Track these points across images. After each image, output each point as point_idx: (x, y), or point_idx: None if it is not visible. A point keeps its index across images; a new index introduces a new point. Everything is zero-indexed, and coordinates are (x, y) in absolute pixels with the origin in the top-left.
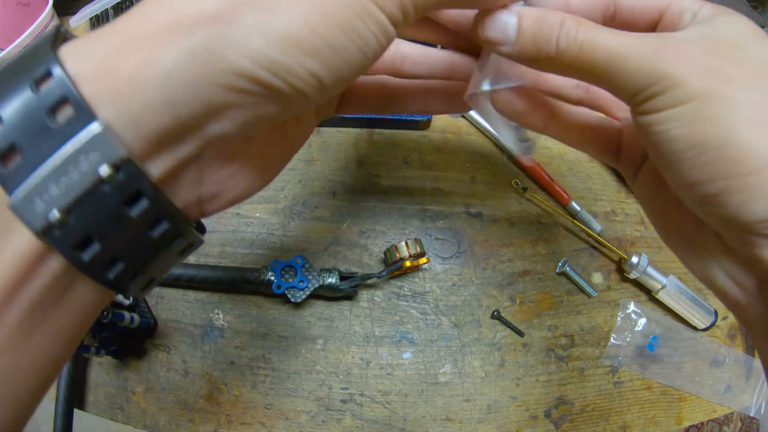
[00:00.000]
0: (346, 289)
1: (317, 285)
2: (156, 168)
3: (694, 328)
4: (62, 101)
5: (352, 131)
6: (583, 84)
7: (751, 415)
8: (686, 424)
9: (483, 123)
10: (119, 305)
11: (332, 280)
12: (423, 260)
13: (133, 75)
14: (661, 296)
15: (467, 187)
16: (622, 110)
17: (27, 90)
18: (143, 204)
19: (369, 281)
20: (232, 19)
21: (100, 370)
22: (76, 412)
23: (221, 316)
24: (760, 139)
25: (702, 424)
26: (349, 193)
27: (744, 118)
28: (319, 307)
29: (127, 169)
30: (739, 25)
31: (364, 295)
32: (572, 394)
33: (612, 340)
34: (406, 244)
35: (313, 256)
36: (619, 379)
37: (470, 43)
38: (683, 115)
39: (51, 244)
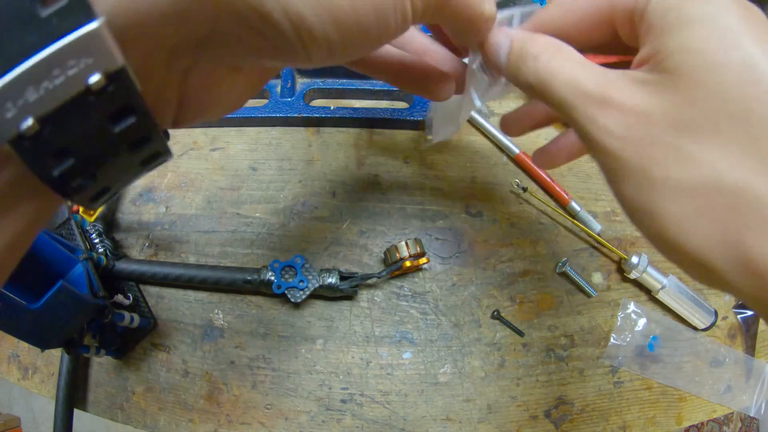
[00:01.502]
0: (346, 289)
1: (317, 285)
2: (146, 83)
3: (694, 328)
4: None
5: (352, 131)
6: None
7: (751, 415)
8: (686, 424)
9: (483, 123)
10: (119, 305)
11: (332, 280)
12: (423, 260)
13: None
14: (661, 296)
15: (467, 187)
16: None
17: None
18: (129, 120)
19: (369, 281)
20: None
21: (100, 370)
22: (76, 412)
23: (221, 316)
24: (670, 209)
25: (702, 424)
26: (349, 193)
27: (670, 210)
28: (319, 307)
29: (121, 80)
30: (695, 38)
31: (364, 295)
32: (572, 394)
33: (612, 340)
34: (406, 244)
35: (313, 256)
36: (619, 379)
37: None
38: (616, 183)
39: (19, 156)
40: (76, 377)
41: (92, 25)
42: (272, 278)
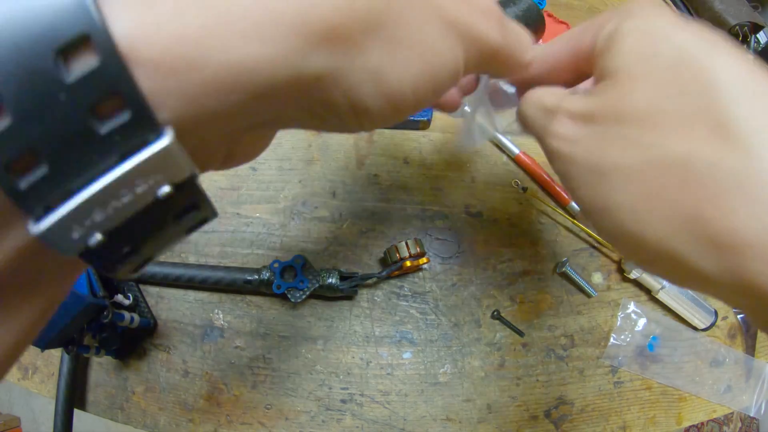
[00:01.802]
0: (346, 289)
1: (317, 285)
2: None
3: (694, 328)
4: (104, 93)
5: None
6: None
7: (751, 415)
8: (686, 424)
9: (483, 124)
10: (119, 305)
11: (332, 280)
12: (423, 260)
13: (217, 76)
14: (661, 296)
15: (467, 187)
16: None
17: (50, 68)
18: (196, 216)
19: (369, 281)
20: (356, 49)
21: (100, 370)
22: (76, 412)
23: (221, 316)
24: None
25: (702, 424)
26: (349, 193)
27: (624, 200)
28: (319, 307)
29: (190, 186)
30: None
31: (364, 295)
32: (572, 394)
33: (612, 340)
34: (406, 244)
35: (313, 256)
36: (619, 379)
37: None
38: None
39: (83, 260)
40: (76, 377)
41: (162, 143)
42: (272, 278)
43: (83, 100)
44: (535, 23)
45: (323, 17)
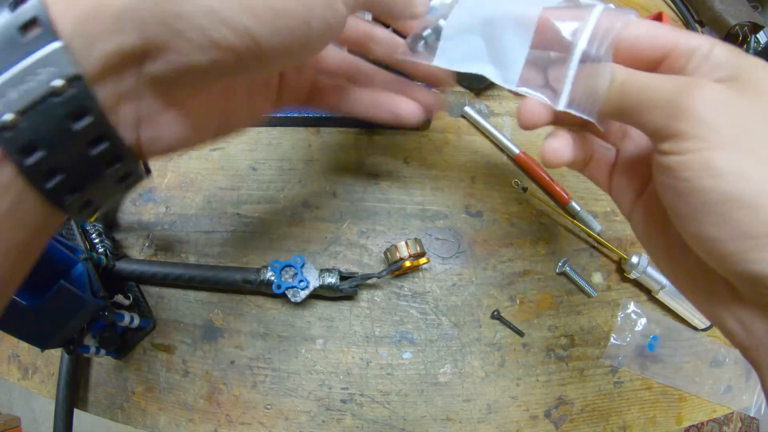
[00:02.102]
0: (346, 289)
1: (317, 285)
2: (100, 93)
3: (694, 328)
4: (33, 21)
5: (352, 131)
6: None
7: (751, 415)
8: (686, 424)
9: (483, 123)
10: (119, 305)
11: (332, 280)
12: (423, 260)
13: (94, 6)
14: (661, 296)
15: (467, 187)
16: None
17: (6, 10)
18: (87, 119)
19: (369, 281)
20: None
21: (100, 370)
22: (76, 412)
23: (221, 316)
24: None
25: (702, 424)
26: (349, 193)
27: (747, 163)
28: (319, 307)
29: (78, 85)
30: (764, 70)
31: (364, 295)
32: (572, 394)
33: (612, 340)
34: (406, 244)
35: (313, 256)
36: (619, 379)
37: None
38: (711, 163)
39: (3, 147)
40: (76, 377)
41: (54, 45)
42: (272, 278)
43: (20, 20)
44: None
45: None
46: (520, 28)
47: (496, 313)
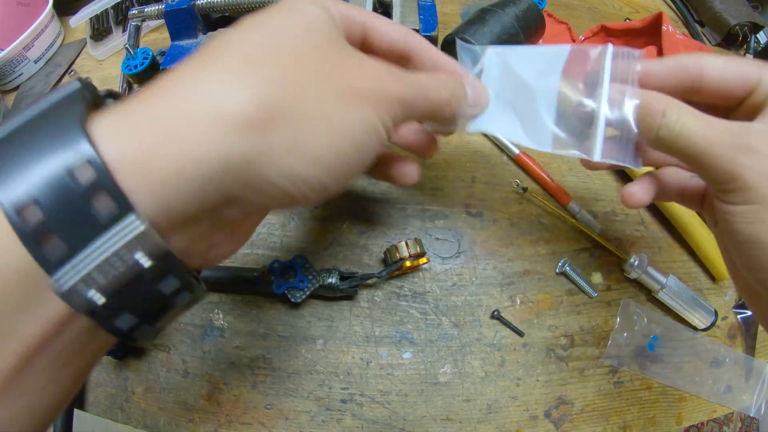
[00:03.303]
0: (346, 289)
1: (317, 285)
2: (176, 241)
3: (694, 328)
4: (98, 190)
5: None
6: None
7: (751, 415)
8: (686, 424)
9: None
10: None
11: (332, 280)
12: (423, 260)
13: (170, 172)
14: (661, 296)
15: (467, 187)
16: None
17: (63, 175)
18: (173, 282)
19: (369, 281)
20: (269, 131)
21: (100, 370)
22: (76, 412)
23: (221, 316)
24: None
25: (702, 424)
26: (349, 193)
27: None
28: (319, 307)
29: (167, 259)
30: None
31: (364, 295)
32: (572, 394)
33: (612, 340)
34: (406, 244)
35: (313, 256)
36: (619, 379)
37: None
38: (746, 214)
39: (93, 319)
40: None
41: (136, 223)
42: (272, 278)
43: (82, 189)
44: (535, 23)
45: (235, 112)
46: (543, 98)
47: (496, 313)
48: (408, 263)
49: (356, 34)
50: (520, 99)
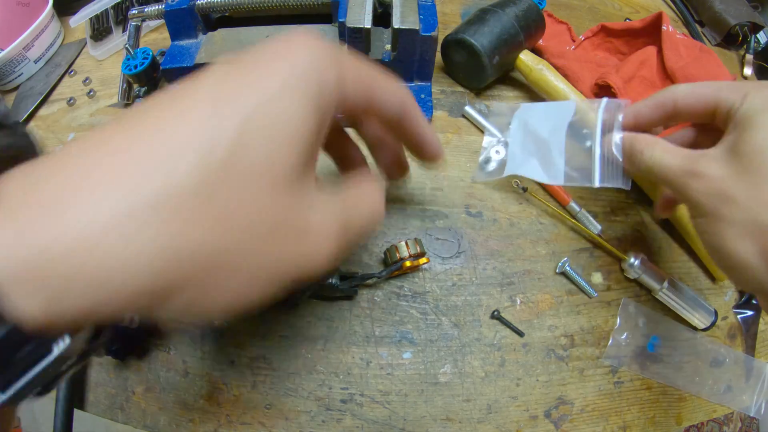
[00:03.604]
0: (346, 289)
1: (317, 285)
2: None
3: (694, 328)
4: None
5: (352, 131)
6: None
7: (751, 415)
8: (686, 424)
9: (484, 122)
10: None
11: (332, 280)
12: (423, 260)
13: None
14: (661, 296)
15: (467, 187)
16: None
17: None
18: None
19: (369, 281)
20: (166, 299)
21: (100, 370)
22: (76, 412)
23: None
24: (739, 247)
25: (702, 424)
26: None
27: (728, 235)
28: (319, 307)
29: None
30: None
31: (364, 295)
32: (572, 394)
33: (612, 340)
34: (406, 244)
35: None
36: (619, 379)
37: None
38: (699, 225)
39: None
40: (76, 377)
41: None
42: None
43: None
44: (535, 23)
45: (141, 281)
46: (556, 148)
47: (496, 313)
48: (408, 263)
49: (352, 108)
50: (540, 149)
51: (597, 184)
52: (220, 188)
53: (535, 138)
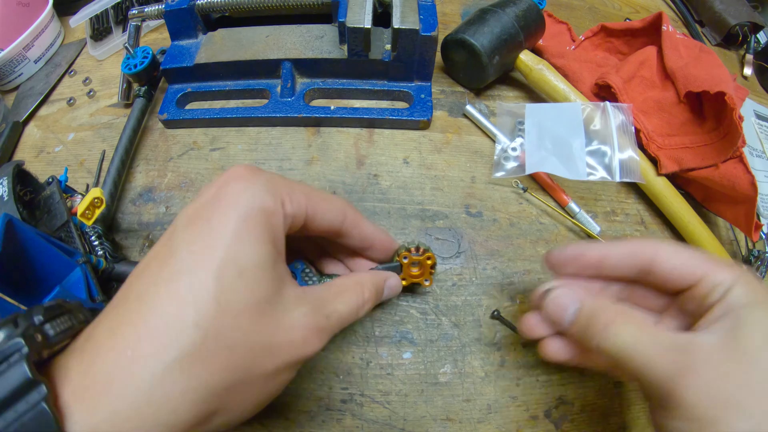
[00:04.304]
0: None
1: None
2: None
3: None
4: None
5: (352, 131)
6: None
7: None
8: None
9: (484, 122)
10: None
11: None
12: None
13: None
14: None
15: (467, 187)
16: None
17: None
18: None
19: None
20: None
21: None
22: None
23: None
24: None
25: None
26: (349, 193)
27: None
28: None
29: None
30: (765, 323)
31: None
32: (572, 394)
33: None
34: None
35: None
36: (619, 379)
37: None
38: (678, 429)
39: None
40: None
41: None
42: None
43: None
44: (534, 23)
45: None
46: (577, 146)
47: (496, 313)
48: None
49: (299, 221)
50: (558, 147)
51: (617, 178)
52: (215, 336)
53: (552, 137)
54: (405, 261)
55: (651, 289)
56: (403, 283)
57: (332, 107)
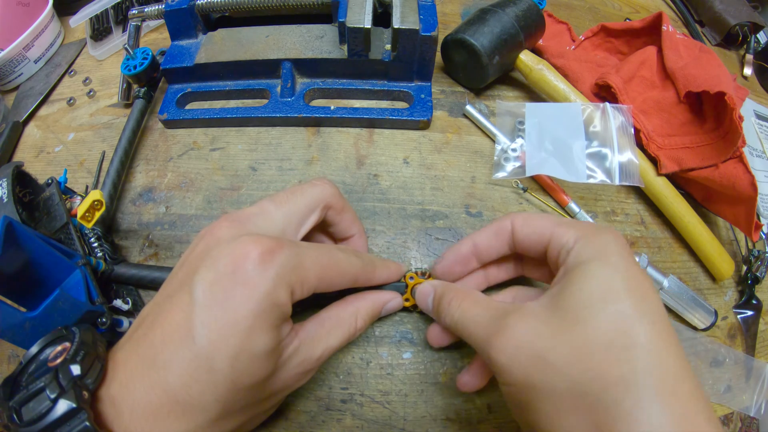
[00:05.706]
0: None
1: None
2: None
3: (694, 328)
4: None
5: (352, 131)
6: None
7: (751, 415)
8: None
9: (484, 122)
10: (118, 310)
11: None
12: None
13: None
14: (661, 296)
15: (467, 187)
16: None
17: None
18: None
19: None
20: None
21: None
22: None
23: None
24: (563, 424)
25: None
26: (349, 193)
27: (546, 409)
28: (319, 307)
29: None
30: (600, 279)
31: None
32: None
33: None
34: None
35: None
36: None
37: None
38: (507, 395)
39: None
40: None
41: None
42: None
43: None
44: (535, 23)
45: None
46: (577, 149)
47: None
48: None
49: (323, 285)
50: (558, 149)
51: (617, 181)
52: (231, 406)
53: (552, 138)
54: (411, 281)
55: (537, 261)
56: (406, 303)
57: (332, 107)
